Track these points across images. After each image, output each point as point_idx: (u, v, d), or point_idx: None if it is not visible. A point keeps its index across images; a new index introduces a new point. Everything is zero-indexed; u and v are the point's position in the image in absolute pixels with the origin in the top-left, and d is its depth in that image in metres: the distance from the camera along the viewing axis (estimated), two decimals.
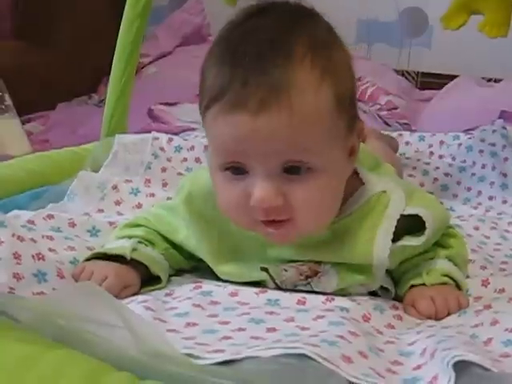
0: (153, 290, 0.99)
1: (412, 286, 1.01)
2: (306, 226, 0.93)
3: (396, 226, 0.97)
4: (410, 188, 1.05)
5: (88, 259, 1.01)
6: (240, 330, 0.83)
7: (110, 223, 1.19)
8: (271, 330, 0.83)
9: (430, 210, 0.99)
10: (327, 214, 0.94)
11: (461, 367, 0.72)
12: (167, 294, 0.97)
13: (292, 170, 0.89)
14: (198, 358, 0.72)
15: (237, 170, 0.90)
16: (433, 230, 0.99)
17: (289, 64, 0.86)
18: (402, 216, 0.97)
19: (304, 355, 0.71)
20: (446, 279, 1.00)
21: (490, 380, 0.71)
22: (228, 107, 0.86)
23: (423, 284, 0.99)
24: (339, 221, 0.97)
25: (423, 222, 0.97)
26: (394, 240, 0.97)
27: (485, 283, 1.06)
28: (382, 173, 1.02)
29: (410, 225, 0.98)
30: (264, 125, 0.85)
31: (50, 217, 1.14)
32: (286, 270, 0.99)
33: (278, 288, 0.99)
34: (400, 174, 1.54)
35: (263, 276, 1.00)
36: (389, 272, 1.02)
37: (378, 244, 0.96)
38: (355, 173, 1.00)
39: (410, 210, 0.98)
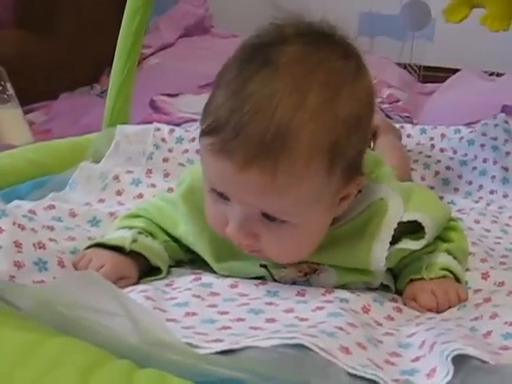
0: (153, 280, 0.99)
1: (411, 280, 1.01)
2: (274, 259, 0.96)
3: (395, 230, 0.97)
4: (409, 190, 1.05)
5: (88, 248, 1.01)
6: (239, 320, 0.83)
7: (111, 214, 1.19)
8: (270, 320, 0.83)
9: (428, 214, 0.99)
10: (296, 256, 0.96)
11: (459, 359, 0.72)
12: (167, 285, 0.97)
13: (267, 217, 0.89)
14: (196, 347, 0.72)
15: (221, 194, 0.91)
16: (432, 233, 0.99)
17: (291, 122, 0.83)
18: (401, 222, 0.97)
19: (302, 346, 0.71)
20: (444, 273, 1.00)
21: (487, 371, 0.71)
22: (217, 150, 0.85)
23: (422, 278, 1.00)
24: (336, 229, 0.97)
25: (422, 226, 0.98)
26: (393, 241, 0.97)
27: (485, 276, 1.06)
28: (381, 177, 1.01)
29: (410, 226, 0.98)
30: (246, 180, 0.84)
31: (51, 207, 1.14)
32: (284, 267, 0.99)
33: (276, 282, 1.00)
34: (408, 165, 1.54)
35: (262, 272, 1.00)
36: (389, 268, 1.02)
37: (375, 252, 0.96)
38: None
39: (408, 216, 0.98)
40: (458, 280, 1.02)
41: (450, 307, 0.96)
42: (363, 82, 0.92)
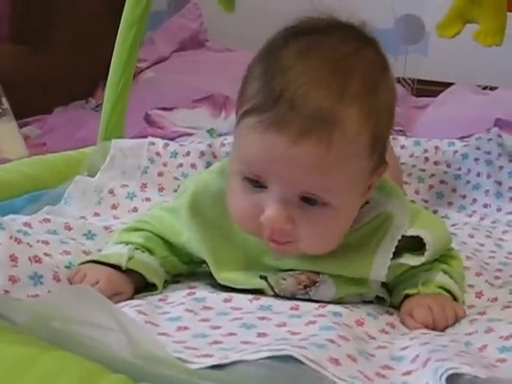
0: (147, 295, 0.99)
1: (406, 295, 1.01)
2: (307, 250, 0.95)
3: (398, 243, 0.97)
4: (416, 209, 1.06)
5: (84, 263, 1.01)
6: (231, 334, 0.83)
7: (106, 228, 1.19)
8: (262, 335, 0.83)
9: (431, 232, 0.99)
10: (330, 244, 0.95)
11: (452, 375, 0.72)
12: (160, 300, 0.97)
13: (307, 200, 0.90)
14: (186, 362, 0.72)
15: (256, 182, 0.91)
16: (433, 252, 0.99)
17: (340, 101, 0.86)
18: (404, 236, 0.98)
19: (294, 359, 0.71)
20: (441, 291, 1.00)
21: None
22: (267, 124, 0.86)
23: (418, 293, 0.99)
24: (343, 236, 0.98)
25: (424, 243, 0.98)
26: (393, 256, 0.97)
27: (478, 295, 1.07)
28: (389, 192, 1.02)
29: (411, 243, 0.99)
30: (299, 153, 0.85)
31: (46, 220, 1.14)
32: (284, 279, 0.99)
33: (276, 296, 0.99)
34: (400, 176, 1.54)
35: (262, 284, 1.00)
36: (383, 282, 1.02)
37: (376, 262, 0.97)
38: None
39: (412, 232, 0.98)
40: (455, 299, 1.01)
41: (446, 327, 0.96)
42: (391, 75, 0.97)
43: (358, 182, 0.92)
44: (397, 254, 0.98)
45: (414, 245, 0.99)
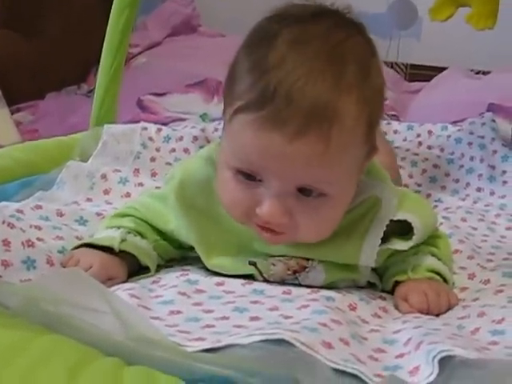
0: (140, 278, 0.99)
1: (396, 282, 1.01)
2: (302, 239, 0.95)
3: (386, 228, 0.97)
4: (403, 193, 1.05)
5: (76, 247, 1.01)
6: (223, 318, 0.84)
7: (98, 214, 1.19)
8: (254, 318, 0.83)
9: (419, 217, 0.99)
10: (326, 233, 0.95)
11: (444, 358, 0.72)
12: (154, 282, 0.97)
13: (304, 191, 0.89)
14: (179, 345, 0.73)
15: (250, 176, 0.90)
16: (421, 236, 0.99)
17: (336, 93, 0.85)
18: (392, 221, 0.98)
19: (287, 343, 0.72)
20: (431, 274, 1.00)
21: (470, 366, 0.71)
22: (263, 121, 0.84)
23: (408, 279, 0.99)
24: None
25: (412, 227, 0.98)
26: (382, 241, 0.97)
27: (471, 276, 1.07)
28: (377, 177, 1.02)
29: (399, 227, 0.99)
30: (296, 151, 0.84)
31: (38, 207, 1.14)
32: (273, 265, 0.99)
33: (266, 281, 1.00)
34: (395, 163, 1.54)
35: (251, 270, 1.00)
36: (373, 268, 1.02)
37: (365, 247, 0.97)
38: None
39: (399, 216, 0.98)
40: (445, 281, 1.02)
41: (439, 312, 0.95)
42: (378, 59, 0.95)
43: (354, 170, 0.92)
44: (385, 238, 0.98)
45: (402, 229, 0.99)
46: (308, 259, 0.99)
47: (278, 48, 0.86)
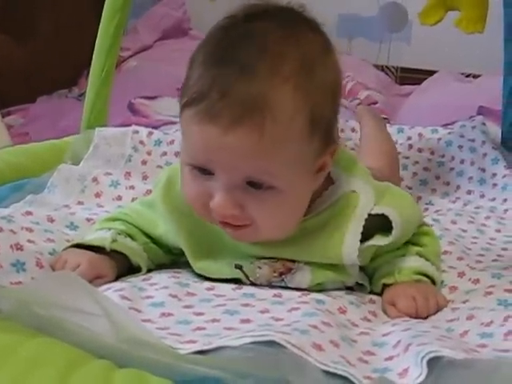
0: (131, 277, 1.00)
1: (384, 284, 1.01)
2: (262, 235, 0.95)
3: (366, 225, 0.97)
4: (383, 187, 1.05)
5: (66, 248, 1.02)
6: (214, 321, 0.84)
7: (88, 220, 1.20)
8: (245, 321, 0.84)
9: (398, 210, 0.99)
10: (284, 226, 0.96)
11: (433, 359, 0.72)
12: (144, 279, 0.98)
13: (253, 184, 0.90)
14: (170, 347, 0.73)
15: (203, 170, 0.91)
16: (401, 230, 0.98)
17: (272, 82, 0.87)
18: (371, 215, 0.98)
19: (278, 344, 0.72)
20: (419, 277, 1.00)
21: (458, 367, 0.72)
22: (201, 116, 0.87)
23: (396, 282, 0.99)
24: (307, 220, 0.98)
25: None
26: (364, 238, 0.97)
27: (460, 275, 1.07)
28: (355, 172, 1.02)
29: (381, 223, 0.98)
30: (232, 142, 0.86)
31: (28, 213, 1.14)
32: (259, 268, 1.00)
33: (253, 285, 1.00)
34: (396, 162, 1.55)
35: (237, 273, 1.00)
36: (362, 268, 1.02)
37: (346, 245, 0.97)
38: None
39: (377, 210, 0.98)
40: (433, 283, 1.01)
41: (428, 316, 0.95)
42: (332, 55, 0.96)
43: (300, 163, 0.92)
44: (369, 237, 0.98)
45: (385, 226, 0.99)
46: (294, 261, 0.99)
47: (221, 46, 0.90)
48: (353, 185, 1.00)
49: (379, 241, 0.98)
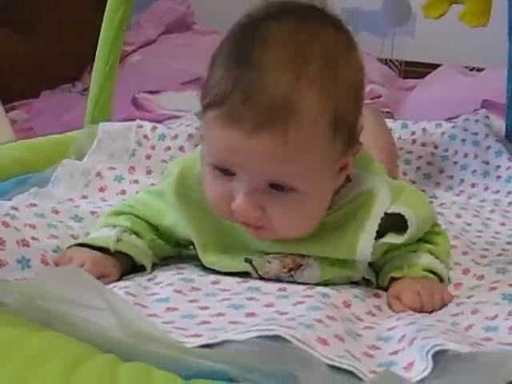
0: (135, 276, 1.00)
1: (392, 278, 1.01)
2: (283, 235, 0.95)
3: (381, 223, 0.97)
4: (399, 186, 1.05)
5: (71, 246, 1.01)
6: (219, 315, 0.84)
7: (93, 212, 1.20)
8: (250, 315, 0.84)
9: (413, 210, 0.99)
10: (305, 226, 0.96)
11: (438, 353, 0.73)
12: (149, 279, 0.98)
13: (276, 187, 0.90)
14: (176, 341, 0.73)
15: (225, 171, 0.91)
16: (416, 229, 0.99)
17: (296, 86, 0.85)
18: (387, 214, 0.98)
19: (283, 338, 0.72)
20: (425, 273, 1.00)
21: (462, 360, 0.72)
22: (224, 119, 0.86)
23: (404, 277, 0.99)
24: (326, 216, 0.98)
25: (407, 225, 0.98)
26: (377, 235, 0.97)
27: (465, 272, 1.07)
28: (372, 171, 1.02)
29: (394, 222, 0.98)
30: (255, 146, 0.85)
31: (33, 205, 1.14)
32: (269, 262, 1.00)
33: (262, 279, 1.00)
34: (394, 156, 1.54)
35: (246, 267, 1.00)
36: (370, 263, 1.02)
37: (361, 242, 0.97)
38: None
39: (393, 209, 0.98)
40: (441, 280, 1.01)
41: (433, 311, 0.95)
42: (356, 53, 0.96)
43: (324, 166, 0.91)
44: (382, 233, 0.98)
45: (399, 224, 0.98)
46: (304, 256, 0.99)
47: (242, 47, 0.89)
48: (370, 183, 1.00)
49: (393, 239, 0.99)
